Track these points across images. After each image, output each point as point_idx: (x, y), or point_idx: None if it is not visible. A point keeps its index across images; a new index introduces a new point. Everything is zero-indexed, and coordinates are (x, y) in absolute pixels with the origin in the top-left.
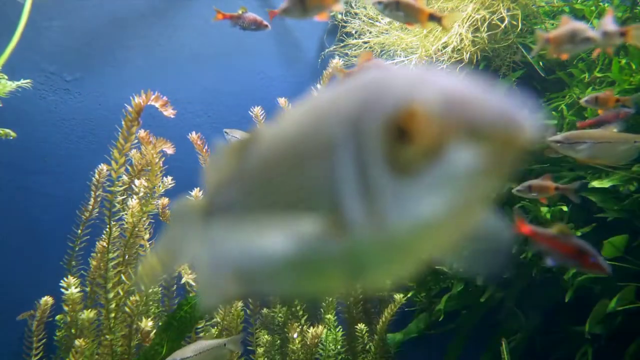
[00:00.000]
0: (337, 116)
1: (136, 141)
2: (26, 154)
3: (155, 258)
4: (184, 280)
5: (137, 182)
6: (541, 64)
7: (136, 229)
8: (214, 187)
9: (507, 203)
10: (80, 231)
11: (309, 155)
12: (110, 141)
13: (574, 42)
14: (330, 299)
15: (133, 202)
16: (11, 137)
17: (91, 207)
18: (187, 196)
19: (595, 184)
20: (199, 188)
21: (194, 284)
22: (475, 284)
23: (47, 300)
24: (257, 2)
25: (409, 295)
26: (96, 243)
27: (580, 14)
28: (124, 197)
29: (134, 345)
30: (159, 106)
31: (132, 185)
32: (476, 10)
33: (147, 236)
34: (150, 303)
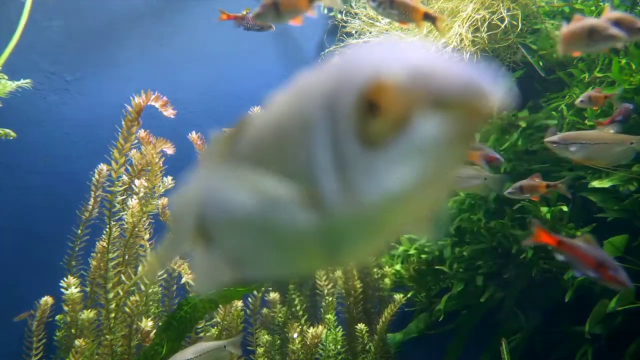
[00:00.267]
0: (313, 94)
1: (136, 141)
2: (26, 154)
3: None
4: (184, 280)
5: (137, 182)
6: (541, 64)
7: (136, 229)
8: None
9: (507, 203)
10: (80, 231)
11: (291, 134)
12: (110, 141)
13: (593, 39)
14: (330, 298)
15: (133, 202)
16: (11, 137)
17: (91, 207)
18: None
19: (595, 184)
20: None
21: (193, 283)
22: (475, 284)
23: (47, 300)
24: (257, 2)
25: (409, 295)
26: (96, 243)
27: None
28: (124, 197)
29: (134, 345)
30: (159, 106)
31: (132, 185)
32: (476, 10)
33: (147, 236)
34: (150, 303)
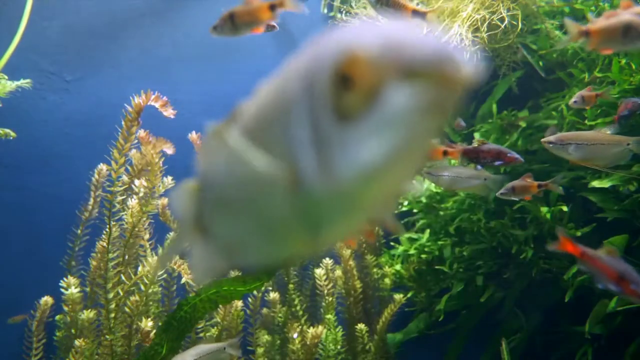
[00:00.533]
0: (293, 74)
1: (136, 141)
2: (26, 154)
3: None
4: (184, 280)
5: (137, 182)
6: (541, 64)
7: (136, 229)
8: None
9: (507, 203)
10: (80, 231)
11: (275, 116)
12: (110, 141)
13: (629, 36)
14: (330, 298)
15: (133, 202)
16: (11, 137)
17: (91, 207)
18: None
19: (595, 184)
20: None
21: (193, 283)
22: (475, 284)
23: (47, 300)
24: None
25: (409, 295)
26: (96, 243)
27: (581, 14)
28: (123, 197)
29: (134, 346)
30: (159, 106)
31: (132, 185)
32: (476, 10)
33: (147, 236)
34: (150, 303)
